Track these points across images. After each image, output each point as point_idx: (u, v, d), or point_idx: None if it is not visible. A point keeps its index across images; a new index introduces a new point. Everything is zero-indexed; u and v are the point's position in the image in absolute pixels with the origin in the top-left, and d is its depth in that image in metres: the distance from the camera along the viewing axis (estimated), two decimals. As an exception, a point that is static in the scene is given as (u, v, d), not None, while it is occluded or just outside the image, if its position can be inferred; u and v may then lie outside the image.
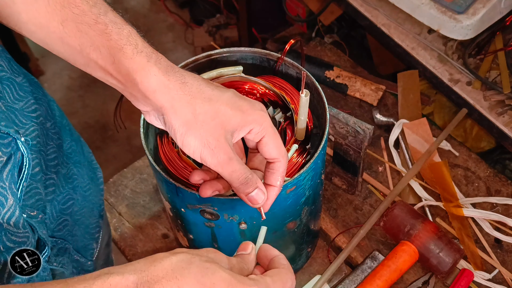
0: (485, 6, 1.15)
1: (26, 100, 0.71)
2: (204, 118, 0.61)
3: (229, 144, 0.62)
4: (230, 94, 0.64)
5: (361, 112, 1.22)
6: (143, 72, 0.60)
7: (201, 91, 0.62)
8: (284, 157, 0.67)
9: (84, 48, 0.60)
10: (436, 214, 1.06)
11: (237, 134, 0.64)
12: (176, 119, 0.61)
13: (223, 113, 0.62)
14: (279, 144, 0.66)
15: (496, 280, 0.98)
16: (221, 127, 0.62)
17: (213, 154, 0.61)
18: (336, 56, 1.33)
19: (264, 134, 0.65)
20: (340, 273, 0.99)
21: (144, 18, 2.78)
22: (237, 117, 0.63)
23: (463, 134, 1.27)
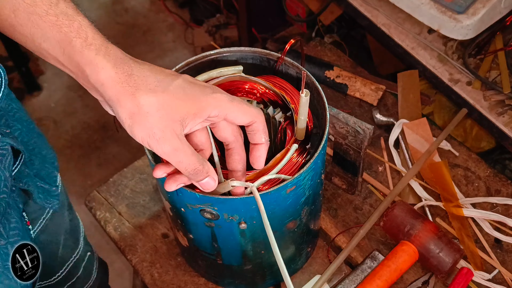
0: (485, 6, 1.15)
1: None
2: (149, 110, 0.61)
3: (178, 134, 0.63)
4: (178, 82, 0.64)
5: (361, 112, 1.22)
6: (91, 65, 0.61)
7: (147, 83, 0.62)
8: (258, 116, 0.68)
9: (35, 38, 0.61)
10: (436, 214, 1.06)
11: (190, 122, 0.64)
12: (122, 111, 0.62)
13: (168, 103, 0.62)
14: (246, 109, 0.67)
15: (496, 280, 0.98)
16: (167, 118, 0.62)
17: (158, 145, 0.62)
18: (336, 56, 1.33)
19: (225, 113, 0.66)
20: (340, 273, 0.99)
21: (144, 18, 2.78)
22: (186, 106, 0.63)
23: (463, 134, 1.27)
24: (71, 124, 2.43)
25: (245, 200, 0.71)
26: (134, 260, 1.04)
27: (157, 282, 1.01)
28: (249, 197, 0.71)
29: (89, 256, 1.08)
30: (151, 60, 2.58)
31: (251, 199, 0.71)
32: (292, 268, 0.98)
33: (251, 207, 0.73)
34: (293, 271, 1.00)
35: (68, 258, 1.01)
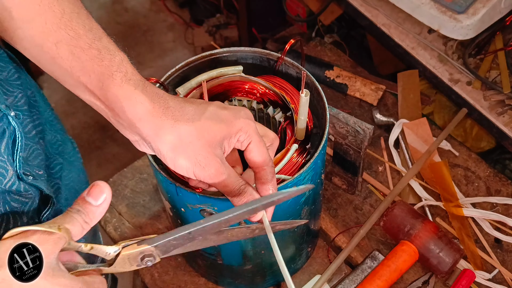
0: (485, 6, 1.15)
1: (8, 70, 0.73)
2: (190, 139, 0.62)
3: (220, 158, 0.64)
4: (212, 108, 0.65)
5: (361, 112, 1.22)
6: (130, 100, 0.61)
7: (184, 113, 0.63)
8: (269, 164, 0.68)
9: (74, 71, 0.61)
10: (436, 214, 1.06)
11: (227, 145, 0.65)
12: (163, 146, 0.62)
13: (207, 130, 0.63)
14: (264, 152, 0.67)
15: (496, 280, 0.98)
16: (208, 145, 0.63)
17: (204, 172, 0.63)
18: (336, 56, 1.33)
19: (250, 140, 0.66)
20: (340, 273, 0.99)
21: (144, 18, 2.78)
22: (222, 130, 0.64)
23: (463, 134, 1.27)
24: (71, 124, 2.43)
25: (245, 200, 0.71)
26: (134, 260, 1.04)
27: (157, 282, 1.01)
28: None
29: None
30: (151, 60, 2.59)
31: (251, 199, 0.71)
32: (292, 268, 0.98)
33: (251, 207, 0.73)
34: (293, 271, 1.00)
35: None
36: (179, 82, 0.84)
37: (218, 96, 0.83)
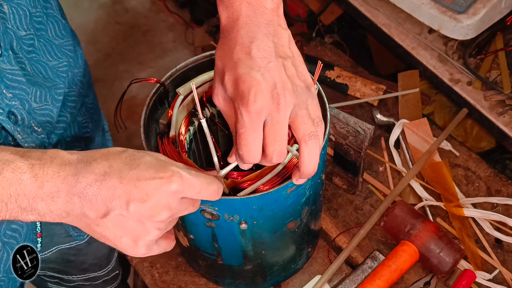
0: (485, 6, 1.15)
1: (66, 39, 0.79)
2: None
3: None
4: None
5: (361, 112, 1.22)
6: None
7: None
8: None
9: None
10: (437, 214, 1.06)
11: None
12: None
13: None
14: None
15: (496, 280, 0.98)
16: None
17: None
18: (336, 56, 1.33)
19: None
20: (341, 273, 0.99)
21: (144, 18, 2.78)
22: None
23: (464, 134, 1.27)
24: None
25: (245, 200, 0.71)
26: (134, 260, 1.04)
27: (158, 282, 1.01)
28: (250, 197, 0.71)
29: (114, 275, 1.10)
30: (152, 60, 2.59)
31: (251, 199, 0.71)
32: (292, 268, 0.98)
33: (252, 207, 0.73)
34: (294, 271, 1.00)
35: (91, 271, 1.02)
36: (180, 82, 0.84)
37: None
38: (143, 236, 0.60)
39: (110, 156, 0.59)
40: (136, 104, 2.18)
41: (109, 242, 0.61)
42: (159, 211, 0.59)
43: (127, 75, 2.45)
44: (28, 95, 0.72)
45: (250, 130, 0.63)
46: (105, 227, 0.58)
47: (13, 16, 0.69)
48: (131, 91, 0.95)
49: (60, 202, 0.57)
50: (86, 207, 0.57)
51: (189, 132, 0.82)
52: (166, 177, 0.59)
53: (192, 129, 0.82)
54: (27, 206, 0.57)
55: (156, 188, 0.58)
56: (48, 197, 0.57)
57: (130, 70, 2.48)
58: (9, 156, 0.56)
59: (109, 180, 0.57)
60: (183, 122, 0.81)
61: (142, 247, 0.61)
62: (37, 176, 0.56)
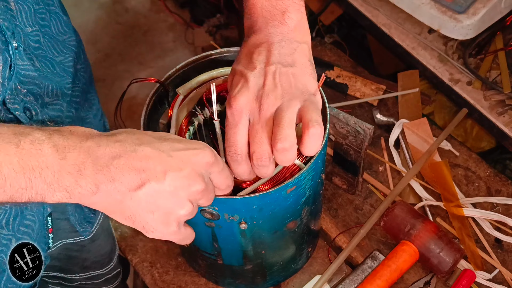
0: (485, 6, 1.15)
1: (69, 35, 0.79)
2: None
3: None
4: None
5: (361, 112, 1.22)
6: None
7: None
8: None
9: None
10: (437, 214, 1.06)
11: None
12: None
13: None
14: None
15: (496, 280, 0.98)
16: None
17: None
18: (336, 56, 1.33)
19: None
20: (341, 273, 0.99)
21: (144, 18, 2.78)
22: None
23: (464, 134, 1.27)
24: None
25: (245, 200, 0.71)
26: (134, 260, 1.04)
27: (158, 282, 1.01)
28: (250, 197, 0.71)
29: (115, 274, 1.10)
30: (152, 60, 2.59)
31: (251, 199, 0.71)
32: (292, 268, 0.98)
33: (252, 207, 0.73)
34: (294, 271, 1.00)
35: (93, 269, 1.02)
36: (180, 82, 0.84)
37: (218, 96, 0.83)
38: (177, 209, 0.58)
39: (136, 132, 0.58)
40: (136, 104, 2.19)
41: (139, 221, 0.58)
42: (194, 180, 0.58)
43: (127, 75, 2.45)
44: (41, 89, 0.72)
45: (231, 124, 0.65)
46: (138, 200, 0.56)
47: (19, 13, 0.69)
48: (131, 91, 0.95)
49: (88, 175, 0.54)
50: (117, 180, 0.54)
51: (189, 132, 0.82)
52: (200, 148, 0.59)
53: (192, 129, 0.82)
54: (52, 181, 0.53)
55: (192, 156, 0.58)
56: (74, 170, 0.54)
57: (130, 70, 2.48)
58: (25, 129, 0.54)
59: (141, 150, 0.55)
60: (183, 122, 0.81)
61: (174, 222, 0.59)
62: (58, 146, 0.54)
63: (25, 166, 0.52)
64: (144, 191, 0.55)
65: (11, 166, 0.52)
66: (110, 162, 0.54)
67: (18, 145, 0.52)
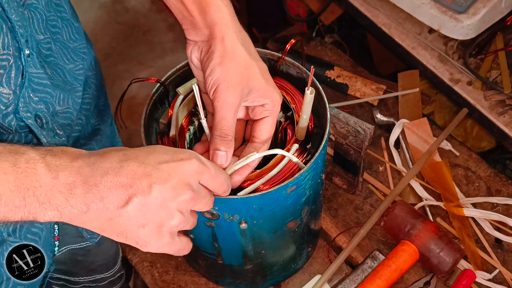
0: (485, 6, 1.14)
1: (80, 42, 0.80)
2: (239, 62, 0.68)
3: (243, 97, 0.69)
4: (265, 66, 0.72)
5: (361, 112, 1.22)
6: (215, 5, 0.69)
7: (249, 47, 0.70)
8: (267, 142, 0.73)
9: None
10: (437, 214, 1.06)
11: (252, 97, 0.70)
12: (218, 50, 0.68)
13: (254, 70, 0.69)
14: (272, 130, 0.73)
15: (496, 280, 0.98)
16: (246, 79, 0.69)
17: (225, 92, 0.68)
18: (336, 55, 1.33)
19: (270, 115, 0.72)
20: (341, 272, 0.99)
21: (144, 18, 2.78)
22: (261, 84, 0.70)
23: (464, 134, 1.27)
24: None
25: (245, 200, 0.71)
26: (134, 260, 1.04)
27: (158, 282, 1.01)
28: (250, 197, 0.71)
29: (119, 276, 1.10)
30: (152, 60, 2.59)
31: (251, 199, 0.71)
32: (292, 268, 0.98)
33: (252, 207, 0.73)
34: (294, 271, 1.00)
35: (98, 272, 1.02)
36: (179, 82, 0.84)
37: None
38: (167, 220, 0.59)
39: (123, 148, 0.59)
40: (136, 103, 2.18)
41: (131, 236, 0.59)
42: (182, 189, 0.58)
43: (127, 75, 2.45)
44: (52, 98, 0.72)
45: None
46: (127, 216, 0.57)
47: (32, 20, 0.68)
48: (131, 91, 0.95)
49: (78, 195, 0.55)
50: (105, 197, 0.56)
51: (189, 132, 0.82)
52: (186, 158, 0.59)
53: (192, 129, 0.82)
54: (44, 200, 0.54)
55: (178, 167, 0.58)
56: (65, 189, 0.55)
57: (130, 70, 2.48)
58: (20, 148, 0.55)
59: (127, 166, 0.56)
60: (183, 121, 0.81)
61: (167, 234, 0.60)
62: (51, 166, 0.55)
63: (20, 185, 0.53)
64: (132, 206, 0.56)
65: (7, 185, 0.53)
66: (99, 180, 0.55)
67: (15, 164, 0.54)
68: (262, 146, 0.73)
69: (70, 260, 0.94)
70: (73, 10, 0.81)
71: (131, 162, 0.57)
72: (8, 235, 0.71)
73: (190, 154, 0.60)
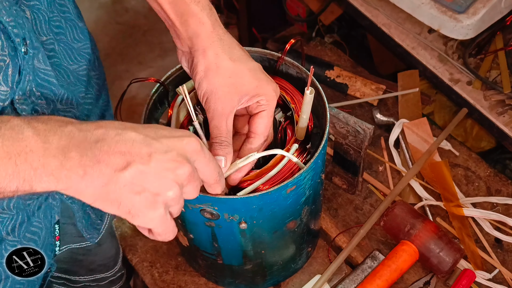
0: (485, 5, 1.14)
1: (84, 42, 0.80)
2: (224, 74, 0.69)
3: (233, 105, 0.70)
4: (255, 65, 0.73)
5: (361, 112, 1.22)
6: (196, 17, 0.70)
7: (233, 54, 0.71)
8: (266, 136, 0.74)
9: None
10: (437, 213, 1.06)
11: (246, 100, 0.71)
12: (201, 64, 0.70)
13: (241, 77, 0.70)
14: (270, 123, 0.74)
15: (496, 280, 0.98)
16: (234, 87, 0.69)
17: (214, 103, 0.69)
18: (336, 55, 1.33)
19: (265, 109, 0.73)
20: (340, 272, 0.99)
21: (144, 18, 2.77)
22: (251, 86, 0.70)
23: (464, 134, 1.27)
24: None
25: (245, 200, 0.71)
26: (134, 260, 1.04)
27: (158, 282, 1.01)
28: (250, 197, 0.71)
29: (120, 275, 1.10)
30: (152, 60, 2.59)
31: (251, 199, 0.71)
32: (292, 268, 0.98)
33: (252, 207, 0.73)
34: (294, 271, 1.00)
35: (98, 272, 1.03)
36: (179, 82, 0.84)
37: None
38: (164, 190, 0.57)
39: (118, 121, 0.58)
40: (136, 104, 2.18)
41: (125, 204, 0.56)
42: (181, 163, 0.57)
43: (127, 75, 2.45)
44: (55, 96, 0.71)
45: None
46: (123, 182, 0.54)
47: (34, 21, 0.68)
48: (131, 91, 0.95)
49: (73, 158, 0.53)
50: (102, 162, 0.54)
51: (189, 132, 0.82)
52: (186, 136, 0.59)
53: (192, 129, 0.82)
54: (38, 165, 0.52)
55: (177, 142, 0.58)
56: (58, 153, 0.53)
57: (130, 70, 2.48)
58: (3, 117, 0.53)
59: (125, 133, 0.55)
60: (183, 121, 0.82)
61: (161, 205, 0.57)
62: (39, 131, 0.53)
63: (9, 151, 0.52)
64: (130, 172, 0.54)
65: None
66: (94, 145, 0.54)
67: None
68: (260, 140, 0.73)
69: (70, 259, 0.94)
70: (78, 10, 0.81)
71: (129, 131, 0.56)
72: (7, 233, 0.71)
73: (190, 133, 0.60)
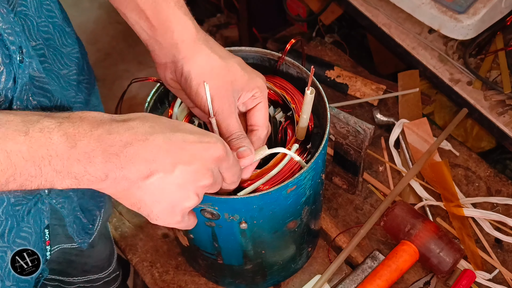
0: (485, 6, 1.14)
1: (72, 47, 0.80)
2: (218, 73, 0.69)
3: (235, 101, 0.70)
4: (238, 59, 0.72)
5: (361, 112, 1.22)
6: (179, 23, 0.69)
7: (220, 50, 0.71)
8: (267, 127, 0.74)
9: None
10: (437, 214, 1.06)
11: (242, 95, 0.71)
12: (194, 69, 0.69)
13: (232, 71, 0.70)
14: (267, 114, 0.74)
15: (496, 280, 0.98)
16: (230, 84, 0.69)
17: (219, 104, 0.69)
18: (336, 55, 1.33)
19: (261, 101, 0.73)
20: (341, 272, 0.99)
21: (145, 18, 2.78)
22: (244, 78, 0.70)
23: (464, 134, 1.27)
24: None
25: (245, 200, 0.71)
26: (134, 260, 1.04)
27: (158, 282, 1.01)
28: (250, 197, 0.71)
29: (115, 276, 1.10)
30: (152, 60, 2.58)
31: (251, 199, 0.71)
32: (292, 268, 0.98)
33: (252, 207, 0.73)
34: (294, 271, 1.00)
35: (92, 273, 1.02)
36: (180, 82, 0.84)
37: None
38: (183, 201, 0.59)
39: (150, 118, 0.58)
40: (136, 103, 2.19)
41: (144, 209, 0.58)
42: (203, 175, 0.58)
43: (127, 74, 2.45)
44: (50, 103, 0.71)
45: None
46: (145, 190, 0.56)
47: (23, 27, 0.68)
48: (131, 90, 0.95)
49: (97, 163, 0.54)
50: (126, 168, 0.54)
51: (189, 132, 0.82)
52: (212, 142, 0.59)
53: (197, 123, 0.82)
54: (62, 169, 0.53)
55: (203, 151, 0.58)
56: (84, 158, 0.53)
57: (130, 69, 2.48)
58: (33, 116, 0.53)
59: (153, 140, 0.55)
60: (183, 121, 0.81)
61: (179, 213, 0.60)
62: (68, 135, 0.53)
63: (34, 155, 0.52)
64: (152, 181, 0.56)
65: (21, 155, 0.52)
66: (121, 150, 0.54)
67: (27, 133, 0.52)
68: (264, 131, 0.73)
69: (63, 259, 0.94)
70: (65, 15, 0.80)
71: (157, 136, 0.56)
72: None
73: (216, 138, 0.60)
